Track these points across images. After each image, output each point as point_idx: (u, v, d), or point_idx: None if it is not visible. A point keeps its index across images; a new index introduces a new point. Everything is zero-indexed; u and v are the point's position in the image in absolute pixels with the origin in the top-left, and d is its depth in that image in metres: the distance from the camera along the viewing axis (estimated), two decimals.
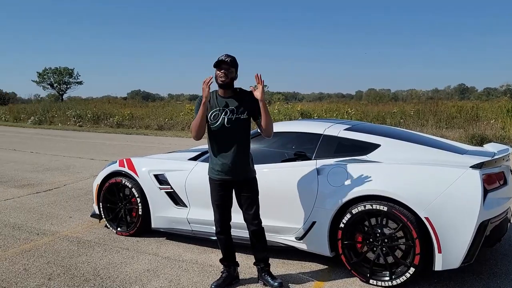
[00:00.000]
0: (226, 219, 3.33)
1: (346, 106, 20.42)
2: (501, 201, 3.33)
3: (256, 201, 3.29)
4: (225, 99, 3.22)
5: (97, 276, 3.54)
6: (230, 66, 3.15)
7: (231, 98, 3.22)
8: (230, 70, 3.15)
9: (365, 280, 3.37)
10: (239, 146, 3.19)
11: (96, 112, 24.00)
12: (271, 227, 3.64)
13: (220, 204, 3.29)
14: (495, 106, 17.33)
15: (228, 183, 3.25)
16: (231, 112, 3.17)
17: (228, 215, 3.33)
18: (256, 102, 3.18)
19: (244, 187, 3.25)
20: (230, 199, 3.31)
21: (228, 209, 3.31)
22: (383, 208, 3.26)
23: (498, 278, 3.48)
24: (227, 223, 3.34)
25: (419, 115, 17.44)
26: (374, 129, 4.20)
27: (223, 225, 3.33)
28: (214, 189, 3.29)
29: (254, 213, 3.27)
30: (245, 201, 3.27)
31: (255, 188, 3.30)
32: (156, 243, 4.34)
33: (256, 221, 3.28)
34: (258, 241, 3.34)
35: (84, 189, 6.90)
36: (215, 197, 3.30)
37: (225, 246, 3.37)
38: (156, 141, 15.33)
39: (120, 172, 4.60)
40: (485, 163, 3.23)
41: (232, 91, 3.24)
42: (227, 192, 3.28)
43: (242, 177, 3.23)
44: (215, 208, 3.32)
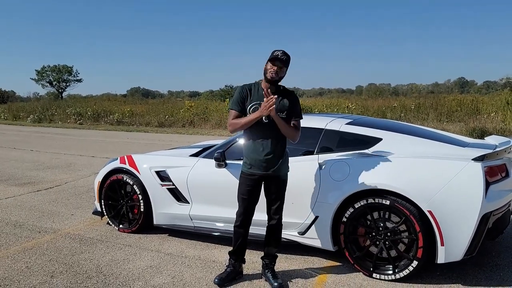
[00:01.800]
0: (248, 214, 3.30)
1: (346, 101, 20.41)
2: (503, 193, 3.32)
3: (282, 197, 3.29)
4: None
5: (100, 273, 3.54)
6: (284, 65, 3.12)
7: (273, 95, 3.19)
8: (282, 69, 3.13)
9: (368, 274, 3.37)
10: (274, 143, 3.17)
11: (96, 110, 24.01)
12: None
13: (246, 198, 3.27)
14: (495, 99, 17.30)
15: (259, 178, 3.23)
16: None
17: (251, 210, 3.30)
18: (295, 104, 3.22)
19: (273, 183, 3.25)
20: (257, 195, 3.30)
21: (253, 204, 3.29)
22: (385, 202, 3.26)
23: (500, 270, 3.48)
24: (249, 218, 3.32)
25: (420, 109, 17.44)
26: (376, 123, 4.19)
27: (244, 219, 3.30)
28: (244, 182, 3.28)
29: (277, 208, 3.27)
30: (271, 195, 3.27)
31: (284, 185, 3.29)
32: (158, 240, 4.34)
33: (277, 216, 3.29)
34: (273, 236, 3.35)
35: (85, 187, 6.90)
36: (242, 191, 3.28)
37: (240, 241, 3.35)
38: (157, 138, 15.33)
39: (121, 169, 4.59)
40: (487, 156, 3.23)
41: (275, 88, 3.22)
42: (256, 187, 3.26)
43: (274, 174, 3.21)
44: (240, 201, 3.30)
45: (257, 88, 3.24)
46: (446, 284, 3.24)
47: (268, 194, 3.30)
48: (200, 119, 20.00)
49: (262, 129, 3.15)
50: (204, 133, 16.78)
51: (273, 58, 3.09)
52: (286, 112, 3.19)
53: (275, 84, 3.19)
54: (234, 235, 3.38)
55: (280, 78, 3.17)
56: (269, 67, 3.12)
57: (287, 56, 3.12)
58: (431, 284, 3.24)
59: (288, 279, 3.37)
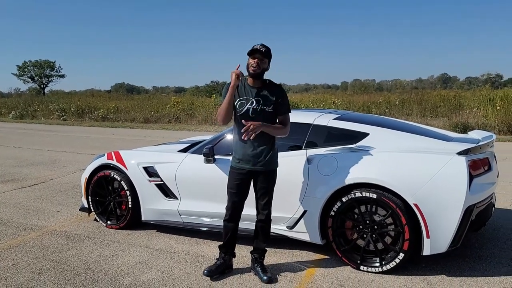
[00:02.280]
0: (237, 208, 3.32)
1: (332, 97, 20.53)
2: (486, 186, 3.41)
3: (271, 192, 3.31)
4: (253, 89, 3.21)
5: (88, 269, 3.53)
6: (264, 57, 3.13)
7: (259, 89, 3.21)
8: (263, 60, 3.14)
9: (356, 266, 3.43)
10: (262, 137, 3.18)
11: (80, 106, 23.67)
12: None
13: (235, 192, 3.28)
14: (477, 95, 17.63)
15: (248, 172, 3.25)
16: (257, 103, 3.17)
17: (240, 204, 3.32)
18: (282, 97, 3.23)
19: (262, 178, 3.27)
20: (246, 190, 3.31)
21: (242, 199, 3.31)
22: (372, 195, 3.31)
23: (483, 261, 3.57)
24: (238, 212, 3.34)
25: (404, 104, 17.66)
26: (363, 118, 4.24)
27: (233, 213, 3.32)
28: (233, 177, 3.29)
29: (266, 203, 3.30)
30: (260, 190, 3.29)
31: (273, 179, 3.31)
32: (147, 236, 4.33)
33: (266, 211, 3.31)
34: (262, 231, 3.37)
35: (71, 183, 6.83)
36: (231, 185, 3.30)
37: (229, 235, 3.37)
38: (143, 134, 15.21)
39: (108, 165, 4.56)
40: (471, 150, 3.30)
41: (261, 82, 3.23)
42: (245, 182, 3.28)
43: (263, 168, 3.23)
44: (229, 195, 3.31)
45: (243, 84, 3.25)
46: (431, 275, 3.32)
47: (257, 189, 3.32)
48: (187, 115, 19.90)
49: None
50: (190, 129, 16.71)
51: (253, 51, 3.10)
52: (273, 106, 3.21)
53: (259, 77, 3.20)
54: (224, 229, 3.39)
55: (263, 70, 3.18)
56: (251, 61, 3.14)
57: (266, 48, 3.14)
58: (417, 275, 3.31)
59: (277, 273, 3.40)
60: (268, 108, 3.18)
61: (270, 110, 3.19)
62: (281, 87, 3.31)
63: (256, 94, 3.20)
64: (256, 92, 3.21)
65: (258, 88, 3.22)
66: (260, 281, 3.26)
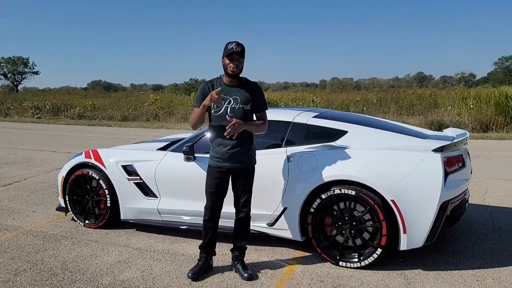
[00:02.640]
0: (217, 207, 3.31)
1: (311, 95, 20.71)
2: (460, 182, 3.51)
3: (250, 190, 3.32)
4: (230, 88, 3.20)
5: (66, 270, 3.47)
6: (241, 56, 3.12)
7: (236, 88, 3.21)
8: (241, 60, 3.13)
9: (335, 262, 3.48)
10: (240, 135, 3.17)
11: (56, 103, 23.14)
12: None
13: (214, 191, 3.27)
14: (451, 93, 18.07)
15: (226, 171, 3.24)
16: (235, 102, 3.16)
17: (219, 204, 3.31)
18: (259, 95, 3.24)
19: (241, 176, 3.27)
20: (225, 188, 3.31)
21: (221, 198, 3.31)
22: (351, 192, 3.36)
23: (457, 255, 3.68)
24: (218, 211, 3.33)
25: (381, 103, 17.95)
26: (341, 116, 4.29)
27: (213, 213, 3.31)
28: (211, 176, 3.28)
29: (245, 201, 3.31)
30: (239, 188, 3.29)
31: (251, 177, 3.32)
32: (126, 235, 4.28)
33: (245, 209, 3.32)
34: (241, 228, 3.38)
35: (46, 183, 6.68)
36: (209, 184, 3.29)
37: (210, 234, 3.36)
38: (121, 132, 15.00)
39: (86, 164, 4.49)
40: (446, 147, 3.39)
41: (237, 81, 3.23)
42: (223, 180, 3.27)
43: (241, 166, 3.24)
44: (208, 195, 3.30)
45: (219, 82, 3.25)
46: (408, 270, 3.40)
47: (236, 187, 3.32)
48: (165, 113, 19.72)
49: (224, 123, 3.14)
50: (169, 127, 16.57)
51: (230, 53, 3.09)
52: (251, 104, 3.21)
53: (236, 77, 3.21)
54: (203, 229, 3.38)
55: (241, 70, 3.19)
56: (228, 62, 3.13)
57: (241, 47, 3.13)
58: (394, 270, 3.39)
59: (257, 270, 3.42)
60: (246, 106, 3.19)
61: (248, 108, 3.20)
62: (257, 85, 3.32)
63: (233, 93, 3.20)
64: (233, 91, 3.20)
65: (234, 87, 3.22)
66: (241, 278, 3.28)
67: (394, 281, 3.21)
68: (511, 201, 5.40)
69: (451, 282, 3.18)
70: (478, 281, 3.19)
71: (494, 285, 3.13)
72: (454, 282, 3.18)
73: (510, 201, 5.38)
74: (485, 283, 3.17)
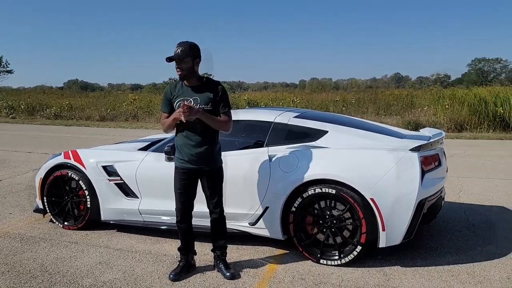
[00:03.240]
0: (187, 208, 3.31)
1: (291, 95, 20.83)
2: (436, 181, 3.62)
3: (220, 190, 3.32)
4: (191, 88, 3.19)
5: (45, 272, 3.42)
6: (183, 58, 3.08)
7: (196, 88, 3.19)
8: (183, 61, 3.09)
9: (316, 260, 3.54)
10: (204, 136, 3.18)
11: (31, 103, 22.58)
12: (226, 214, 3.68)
13: (183, 192, 3.27)
14: (427, 94, 18.47)
15: (192, 172, 3.24)
16: (195, 102, 3.14)
17: (190, 204, 3.32)
18: (221, 94, 3.20)
19: (208, 176, 3.27)
20: (194, 189, 3.31)
21: (191, 198, 3.31)
22: (331, 191, 3.42)
23: (434, 252, 3.79)
24: (189, 212, 3.33)
25: (360, 103, 18.20)
26: (322, 116, 4.36)
27: (184, 214, 3.31)
28: (178, 177, 3.27)
29: (217, 202, 3.31)
30: (208, 190, 3.29)
31: (219, 177, 3.32)
32: (106, 236, 4.24)
33: (218, 209, 3.32)
34: (218, 229, 3.39)
35: (23, 184, 6.54)
36: (178, 185, 3.28)
37: (185, 235, 3.37)
38: (99, 132, 14.77)
39: (65, 165, 4.42)
40: (423, 146, 3.49)
41: (197, 80, 3.20)
42: (191, 181, 3.27)
43: (207, 167, 3.24)
44: (177, 196, 3.29)
45: (180, 84, 3.23)
46: (387, 266, 3.48)
47: (205, 188, 3.31)
48: (144, 113, 19.49)
49: (190, 123, 3.11)
50: (148, 127, 16.40)
51: (170, 59, 3.08)
52: (211, 104, 3.18)
53: (191, 77, 3.16)
54: (178, 231, 3.39)
55: (189, 70, 3.13)
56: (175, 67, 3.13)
57: (181, 48, 3.08)
58: (374, 267, 3.46)
59: (240, 269, 3.44)
60: (206, 107, 3.15)
61: (209, 108, 3.16)
62: (219, 84, 3.26)
63: (193, 93, 3.17)
64: (193, 91, 3.17)
65: (195, 87, 3.19)
66: (223, 277, 3.30)
67: (373, 277, 3.29)
68: (484, 198, 5.58)
69: (428, 278, 3.27)
70: (454, 276, 3.29)
71: (468, 280, 3.23)
72: (430, 278, 3.27)
73: (483, 199, 5.56)
74: (460, 278, 3.27)
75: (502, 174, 7.12)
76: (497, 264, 3.52)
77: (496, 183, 6.46)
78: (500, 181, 6.63)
